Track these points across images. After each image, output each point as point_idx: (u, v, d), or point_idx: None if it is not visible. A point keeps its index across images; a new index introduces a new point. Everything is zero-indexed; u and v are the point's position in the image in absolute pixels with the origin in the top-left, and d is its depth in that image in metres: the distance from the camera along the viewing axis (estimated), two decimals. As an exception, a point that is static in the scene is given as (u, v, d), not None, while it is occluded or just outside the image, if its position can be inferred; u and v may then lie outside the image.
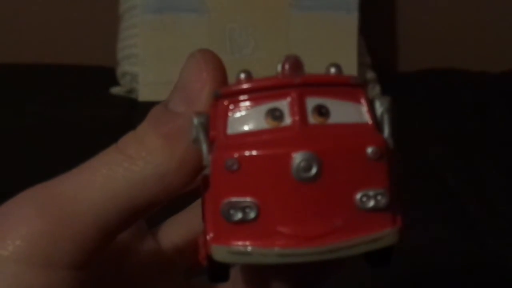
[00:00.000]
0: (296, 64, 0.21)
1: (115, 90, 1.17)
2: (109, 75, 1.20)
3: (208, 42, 1.14)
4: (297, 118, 0.21)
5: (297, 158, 0.20)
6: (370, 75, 1.21)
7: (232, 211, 0.20)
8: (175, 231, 0.27)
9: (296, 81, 0.21)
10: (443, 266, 0.66)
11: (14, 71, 1.23)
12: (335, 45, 1.15)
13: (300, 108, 0.21)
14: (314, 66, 0.22)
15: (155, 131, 0.22)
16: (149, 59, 1.15)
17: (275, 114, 0.21)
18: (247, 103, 0.21)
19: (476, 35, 1.42)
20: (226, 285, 0.26)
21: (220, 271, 0.22)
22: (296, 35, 1.16)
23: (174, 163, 0.21)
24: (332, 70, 0.22)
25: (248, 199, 0.20)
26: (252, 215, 0.20)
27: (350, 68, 1.14)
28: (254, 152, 0.20)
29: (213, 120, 0.21)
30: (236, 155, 0.20)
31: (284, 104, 0.21)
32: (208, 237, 0.21)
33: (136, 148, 0.22)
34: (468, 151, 0.95)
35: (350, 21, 1.18)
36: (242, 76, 0.21)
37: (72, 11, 1.38)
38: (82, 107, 1.07)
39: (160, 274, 0.27)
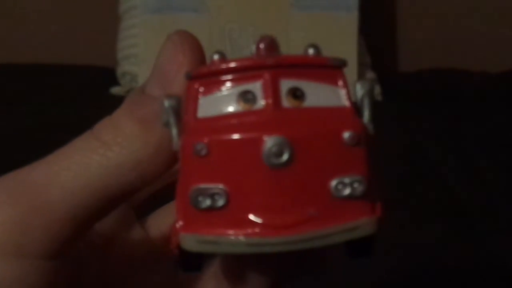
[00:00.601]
0: (271, 44, 0.21)
1: (115, 90, 1.17)
2: (109, 75, 1.20)
3: (208, 42, 1.14)
4: (270, 101, 0.20)
5: (268, 143, 0.19)
6: (370, 75, 1.21)
7: (200, 198, 0.19)
8: (165, 221, 0.26)
9: (269, 62, 0.20)
10: (443, 266, 0.66)
11: (14, 71, 1.23)
12: (335, 45, 1.15)
13: (273, 91, 0.20)
14: None
15: (131, 116, 0.21)
16: (149, 59, 1.15)
17: (247, 97, 0.20)
18: (219, 85, 0.20)
19: (476, 35, 1.42)
20: (208, 276, 0.25)
21: (191, 260, 0.21)
22: (296, 35, 1.16)
23: (150, 149, 0.21)
24: (310, 51, 0.21)
25: (217, 185, 0.19)
26: (221, 202, 0.19)
27: (350, 68, 1.14)
28: (223, 137, 0.19)
29: (185, 103, 0.21)
30: (205, 139, 0.19)
31: (257, 86, 0.20)
32: (177, 225, 0.20)
33: (111, 134, 0.21)
34: (468, 151, 0.95)
35: (350, 21, 1.18)
36: (216, 57, 0.21)
37: (72, 11, 1.39)
38: (82, 107, 1.07)
39: (148, 264, 0.26)
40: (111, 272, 0.25)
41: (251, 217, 0.19)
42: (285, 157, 0.19)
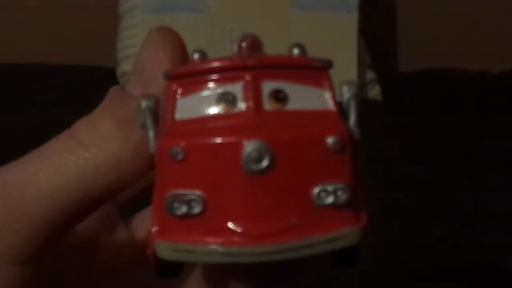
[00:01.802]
0: (254, 43, 0.20)
1: (115, 90, 1.16)
2: (109, 75, 1.20)
3: (208, 42, 1.14)
4: (250, 103, 0.19)
5: (248, 148, 0.18)
6: (370, 75, 1.21)
7: (176, 205, 0.18)
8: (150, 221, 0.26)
9: (251, 63, 0.19)
10: (443, 266, 0.66)
11: (14, 71, 1.23)
12: (335, 45, 1.15)
13: (254, 93, 0.19)
14: None
15: (109, 116, 0.20)
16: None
17: (227, 99, 0.19)
18: (198, 86, 0.19)
19: (476, 35, 1.42)
20: (191, 280, 0.24)
21: (167, 267, 0.20)
22: (296, 35, 1.16)
23: (129, 150, 0.20)
24: (295, 51, 0.20)
25: (194, 192, 0.18)
26: (197, 209, 0.18)
27: (350, 68, 1.14)
28: (201, 141, 0.18)
29: (163, 104, 0.20)
30: (181, 143, 0.18)
31: (237, 88, 0.19)
32: (152, 231, 0.19)
33: (89, 134, 0.20)
34: (468, 151, 0.95)
35: (350, 21, 1.18)
36: (196, 56, 0.20)
37: (72, 11, 1.39)
38: (82, 107, 1.07)
39: (132, 265, 0.25)
40: (93, 274, 0.24)
41: (229, 225, 0.18)
42: (265, 163, 0.18)
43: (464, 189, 0.83)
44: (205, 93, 0.19)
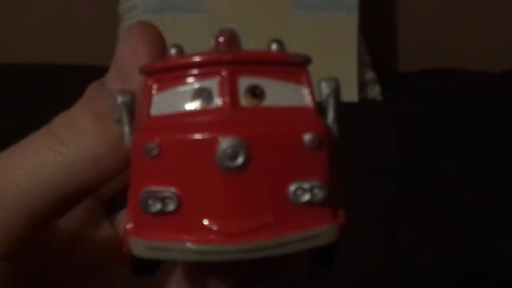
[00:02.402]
0: (231, 38, 0.19)
1: (115, 90, 1.17)
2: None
3: (208, 42, 1.14)
4: (226, 99, 0.18)
5: (223, 144, 0.18)
6: (370, 75, 1.21)
7: (150, 202, 0.18)
8: None
9: (228, 58, 0.19)
10: (443, 266, 0.66)
11: (14, 71, 1.23)
12: (335, 45, 1.15)
13: (230, 89, 0.19)
14: (314, 65, 0.20)
15: (88, 111, 0.20)
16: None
17: (203, 95, 0.19)
18: (174, 82, 0.19)
19: (476, 35, 1.42)
20: (172, 280, 0.24)
21: (142, 265, 0.20)
22: (296, 35, 1.16)
23: (107, 146, 0.20)
24: (273, 46, 0.19)
25: (168, 188, 0.18)
26: (172, 206, 0.18)
27: (350, 68, 1.14)
28: (175, 137, 0.18)
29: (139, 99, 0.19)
30: (156, 139, 0.18)
31: (213, 84, 0.19)
32: (127, 228, 0.19)
33: (67, 130, 0.20)
34: (468, 151, 0.95)
35: (350, 21, 1.18)
36: (173, 51, 0.19)
37: (72, 11, 1.39)
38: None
39: (116, 263, 0.24)
40: (77, 271, 0.24)
41: (204, 222, 0.18)
42: (240, 160, 0.18)
43: (464, 189, 0.83)
44: (181, 88, 0.19)
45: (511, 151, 0.93)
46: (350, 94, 1.12)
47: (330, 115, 0.19)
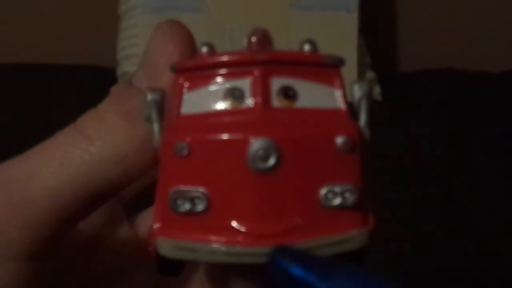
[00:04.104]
0: (264, 38, 0.19)
1: (115, 90, 1.16)
2: (109, 75, 1.20)
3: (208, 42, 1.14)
4: (259, 100, 0.18)
5: (254, 145, 0.17)
6: (370, 75, 1.21)
7: (179, 202, 0.18)
8: None
9: (261, 58, 0.18)
10: (443, 266, 0.66)
11: (14, 71, 1.23)
12: (335, 45, 1.15)
13: (263, 89, 0.18)
14: None
15: (115, 109, 0.20)
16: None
17: (235, 94, 0.18)
18: (205, 80, 0.19)
19: (476, 35, 1.42)
20: (194, 280, 0.24)
21: (168, 265, 0.20)
22: (296, 35, 1.16)
23: (134, 144, 0.19)
24: (306, 47, 0.19)
25: (197, 188, 0.18)
26: (201, 207, 0.18)
27: (350, 68, 1.14)
28: (206, 136, 0.18)
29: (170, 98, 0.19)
30: (187, 138, 0.18)
31: (246, 84, 0.18)
32: (154, 227, 0.19)
33: (94, 127, 0.20)
34: (468, 151, 0.95)
35: (350, 21, 1.18)
36: (204, 49, 0.19)
37: (72, 11, 1.39)
38: (82, 107, 1.07)
39: (135, 264, 0.24)
40: (96, 272, 0.24)
41: (233, 224, 0.18)
42: (271, 161, 0.17)
43: (464, 189, 0.83)
44: (213, 87, 0.19)
45: (511, 151, 0.93)
46: (350, 94, 1.12)
47: (363, 118, 0.19)
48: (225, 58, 0.19)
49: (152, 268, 0.23)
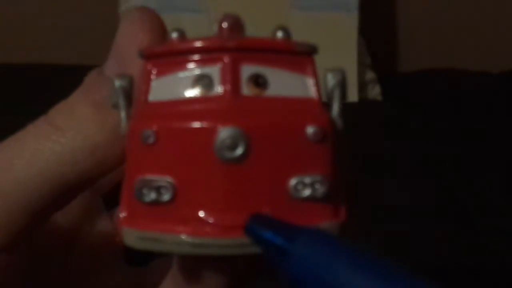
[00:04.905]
0: (235, 24, 0.19)
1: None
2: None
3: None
4: (228, 87, 0.18)
5: (222, 134, 0.17)
6: (370, 75, 1.21)
7: (145, 191, 0.17)
8: None
9: (231, 44, 0.18)
10: (443, 266, 0.66)
11: (14, 71, 1.23)
12: (335, 45, 1.15)
13: (232, 76, 0.18)
14: None
15: (86, 99, 0.20)
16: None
17: (203, 82, 0.18)
18: (174, 67, 0.18)
19: (476, 35, 1.42)
20: (165, 272, 0.23)
21: (135, 255, 0.20)
22: (296, 35, 1.15)
23: (106, 134, 0.19)
24: (279, 34, 0.19)
25: (164, 178, 0.17)
26: (167, 196, 0.17)
27: (350, 68, 1.14)
28: (173, 124, 0.17)
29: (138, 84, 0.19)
30: (153, 126, 0.17)
31: (215, 70, 0.18)
32: (120, 217, 0.18)
33: (65, 118, 0.19)
34: (468, 151, 0.95)
35: (350, 21, 1.18)
36: (174, 35, 0.19)
37: (73, 11, 1.39)
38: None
39: (115, 258, 0.24)
40: (75, 265, 0.23)
41: (200, 214, 0.17)
42: (239, 151, 0.17)
43: (464, 189, 0.83)
44: (181, 74, 0.18)
45: (511, 151, 0.93)
46: (350, 94, 1.12)
47: (335, 108, 0.18)
48: (194, 44, 0.18)
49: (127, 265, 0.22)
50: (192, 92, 0.18)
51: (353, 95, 1.13)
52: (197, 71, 0.18)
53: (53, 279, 0.23)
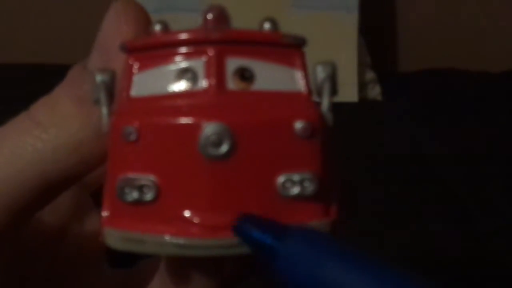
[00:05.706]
0: (220, 15, 0.18)
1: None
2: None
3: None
4: (212, 82, 0.17)
5: (206, 130, 0.16)
6: (370, 75, 1.21)
7: (127, 190, 0.17)
8: None
9: (215, 36, 0.17)
10: (443, 266, 0.66)
11: (14, 71, 1.23)
12: (335, 45, 1.15)
13: (217, 70, 0.17)
14: (313, 65, 0.18)
15: (69, 94, 0.19)
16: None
17: (187, 76, 0.17)
18: (157, 61, 0.17)
19: (476, 35, 1.42)
20: (154, 271, 0.23)
21: (117, 257, 0.19)
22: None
23: (89, 130, 0.18)
24: (266, 25, 0.18)
25: (146, 176, 0.17)
26: (149, 196, 0.17)
27: (350, 68, 1.14)
28: (155, 120, 0.17)
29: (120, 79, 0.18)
30: (135, 123, 0.17)
31: (199, 64, 0.17)
32: (103, 216, 0.18)
33: (47, 114, 0.19)
34: (468, 151, 0.95)
35: (350, 21, 1.18)
36: (157, 27, 0.18)
37: (72, 11, 1.39)
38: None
39: (102, 258, 0.23)
40: (62, 265, 0.22)
41: (184, 214, 0.17)
42: (224, 147, 0.16)
43: (464, 189, 0.83)
44: (165, 68, 0.17)
45: (511, 151, 0.93)
46: (350, 94, 1.12)
47: (325, 102, 0.18)
48: (177, 37, 0.17)
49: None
50: (175, 87, 0.17)
51: (353, 95, 1.13)
52: (181, 65, 0.17)
53: (40, 278, 0.22)
